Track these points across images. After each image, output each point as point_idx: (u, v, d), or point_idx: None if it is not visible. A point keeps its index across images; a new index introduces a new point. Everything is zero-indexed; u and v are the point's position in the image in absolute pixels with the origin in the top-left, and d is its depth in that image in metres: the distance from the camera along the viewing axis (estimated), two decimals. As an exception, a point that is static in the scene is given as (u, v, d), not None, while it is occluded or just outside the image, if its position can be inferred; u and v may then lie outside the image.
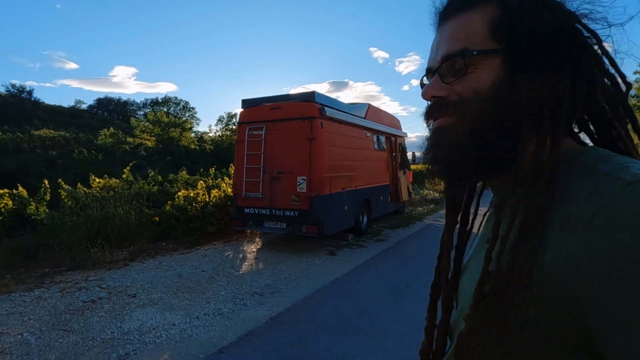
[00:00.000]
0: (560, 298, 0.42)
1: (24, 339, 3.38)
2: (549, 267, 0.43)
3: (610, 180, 0.43)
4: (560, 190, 0.47)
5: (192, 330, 3.56)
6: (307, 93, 6.69)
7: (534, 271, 0.44)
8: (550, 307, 0.43)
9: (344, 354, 3.11)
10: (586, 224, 0.41)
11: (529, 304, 0.45)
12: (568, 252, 0.42)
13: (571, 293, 0.41)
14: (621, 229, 0.38)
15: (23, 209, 7.55)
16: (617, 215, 0.39)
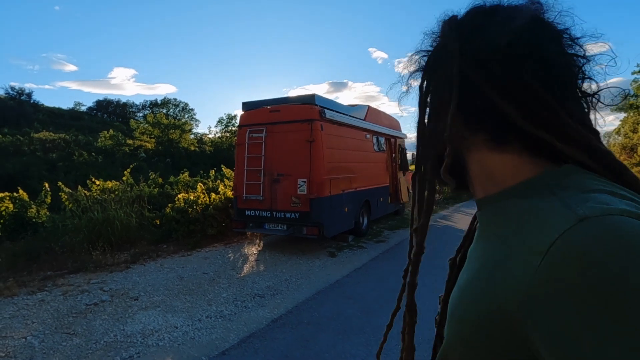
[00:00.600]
0: (504, 323, 0.43)
1: (28, 342, 3.41)
2: (501, 294, 0.44)
3: (567, 213, 0.41)
4: (522, 212, 0.47)
5: (194, 333, 3.59)
6: (307, 96, 6.74)
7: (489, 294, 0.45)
8: (491, 330, 0.45)
9: (345, 355, 3.14)
10: (539, 256, 0.40)
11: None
12: (517, 278, 0.42)
13: (515, 319, 0.42)
14: (569, 268, 0.37)
15: (24, 212, 7.58)
16: (567, 254, 0.38)
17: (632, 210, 0.40)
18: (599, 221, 0.38)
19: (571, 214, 0.40)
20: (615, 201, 0.41)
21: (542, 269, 0.39)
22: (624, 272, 0.35)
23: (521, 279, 0.41)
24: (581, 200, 0.42)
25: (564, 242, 0.39)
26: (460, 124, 0.54)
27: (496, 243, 0.49)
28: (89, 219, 6.84)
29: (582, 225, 0.39)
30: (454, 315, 0.53)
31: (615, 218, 0.38)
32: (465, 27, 0.54)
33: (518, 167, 0.52)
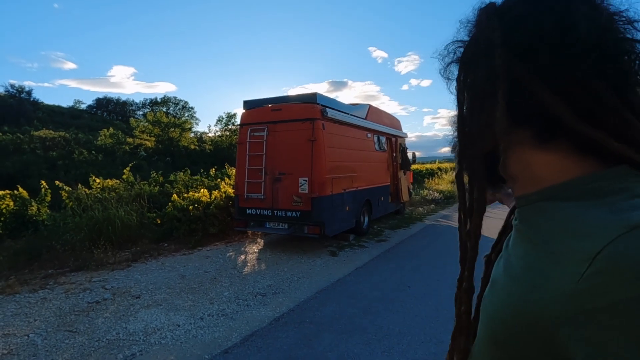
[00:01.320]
0: (540, 328, 0.42)
1: (31, 340, 3.41)
2: (541, 298, 0.42)
3: (615, 219, 0.39)
4: (568, 215, 0.45)
5: (196, 331, 3.59)
6: (309, 94, 6.73)
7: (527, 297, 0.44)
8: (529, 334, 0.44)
9: (348, 355, 3.15)
10: (584, 265, 0.39)
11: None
12: (558, 289, 0.41)
13: (553, 325, 0.40)
14: (619, 280, 0.36)
15: (24, 210, 7.57)
16: (617, 264, 0.36)
17: None
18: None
19: (621, 221, 0.38)
20: None
21: (587, 279, 0.38)
22: None
23: (564, 287, 0.40)
24: (633, 207, 0.40)
25: (611, 251, 0.37)
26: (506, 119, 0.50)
27: (538, 246, 0.46)
28: (89, 218, 6.84)
29: (633, 234, 0.37)
30: (489, 314, 0.51)
31: None
32: (507, 14, 0.49)
33: (564, 166, 0.48)
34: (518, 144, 0.50)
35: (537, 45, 0.45)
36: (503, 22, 0.48)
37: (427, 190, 15.65)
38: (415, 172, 18.06)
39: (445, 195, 15.39)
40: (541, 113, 0.46)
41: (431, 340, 3.35)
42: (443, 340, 3.33)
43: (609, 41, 0.44)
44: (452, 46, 0.56)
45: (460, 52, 0.55)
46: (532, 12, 0.47)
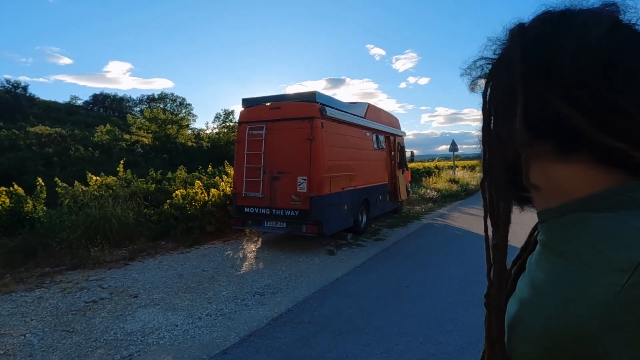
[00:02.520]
0: (579, 341, 0.41)
1: (27, 340, 3.38)
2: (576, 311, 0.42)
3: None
4: (599, 226, 0.45)
5: (194, 331, 3.58)
6: (308, 93, 6.70)
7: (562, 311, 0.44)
8: (566, 349, 0.43)
9: (347, 355, 3.14)
10: (625, 275, 0.38)
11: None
12: (597, 301, 0.40)
13: (592, 338, 0.40)
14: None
15: (20, 207, 7.50)
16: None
17: None
18: None
19: None
20: None
21: (628, 290, 0.37)
22: None
23: (603, 299, 0.39)
24: None
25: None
26: (525, 131, 0.51)
27: (570, 259, 0.46)
28: (86, 215, 6.79)
29: None
30: (519, 331, 0.50)
31: None
32: (529, 32, 0.51)
33: (589, 178, 0.48)
34: (540, 157, 0.51)
35: (556, 60, 0.47)
36: (524, 40, 0.51)
37: (424, 189, 15.66)
38: (413, 170, 18.08)
39: (442, 194, 15.41)
40: (561, 125, 0.47)
41: (429, 342, 3.35)
42: (441, 342, 3.34)
43: (632, 59, 0.44)
44: (479, 62, 0.58)
45: (487, 68, 0.58)
46: (554, 30, 0.49)
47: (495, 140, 0.56)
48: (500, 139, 0.55)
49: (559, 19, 0.50)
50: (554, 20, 0.50)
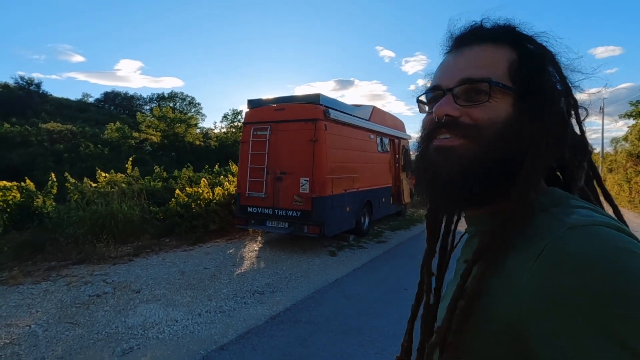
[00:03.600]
0: (506, 325, 0.47)
1: (32, 330, 3.49)
2: (500, 296, 0.48)
3: (558, 224, 0.47)
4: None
5: (193, 327, 3.66)
6: (312, 95, 6.77)
7: (488, 298, 0.50)
8: (499, 335, 0.48)
9: (342, 355, 3.19)
10: (534, 261, 0.45)
11: (483, 330, 0.50)
12: (518, 285, 0.46)
13: (517, 322, 0.46)
14: (563, 269, 0.42)
15: (30, 202, 7.68)
16: (558, 255, 0.43)
17: (611, 222, 0.46)
18: (586, 229, 0.44)
19: (562, 224, 0.46)
20: (597, 215, 0.48)
21: (536, 272, 0.44)
22: (612, 275, 0.40)
23: (519, 284, 0.46)
24: (570, 213, 0.49)
25: (554, 246, 0.44)
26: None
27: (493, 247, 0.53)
28: (93, 212, 6.93)
29: (570, 232, 0.45)
30: (454, 307, 0.55)
31: (599, 228, 0.44)
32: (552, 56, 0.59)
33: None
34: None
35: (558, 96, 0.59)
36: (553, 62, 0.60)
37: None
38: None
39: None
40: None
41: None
42: (436, 344, 3.36)
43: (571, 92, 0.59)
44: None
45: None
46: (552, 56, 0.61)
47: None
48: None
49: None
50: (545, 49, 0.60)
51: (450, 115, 0.57)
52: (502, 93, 0.55)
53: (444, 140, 0.58)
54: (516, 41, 0.59)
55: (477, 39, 0.60)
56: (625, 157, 16.37)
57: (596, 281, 0.40)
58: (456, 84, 0.57)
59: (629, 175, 14.31)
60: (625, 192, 14.18)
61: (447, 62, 0.62)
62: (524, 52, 0.58)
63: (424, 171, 0.61)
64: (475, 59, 0.58)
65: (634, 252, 0.42)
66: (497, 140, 0.54)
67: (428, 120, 0.63)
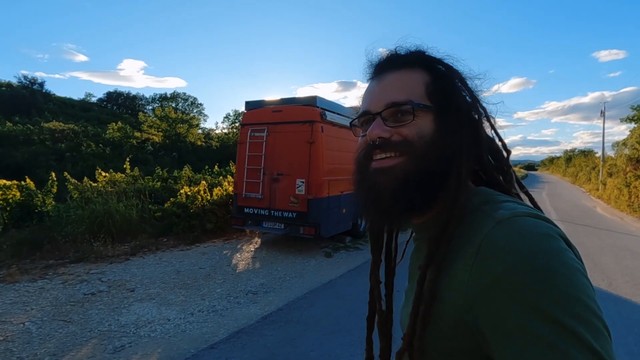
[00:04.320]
0: (458, 321, 0.52)
1: (26, 328, 3.54)
2: (450, 295, 0.53)
3: (488, 220, 0.53)
4: (458, 227, 0.57)
5: (185, 326, 3.70)
6: (309, 97, 6.82)
7: (441, 298, 0.55)
8: (453, 332, 0.53)
9: (330, 354, 3.23)
10: (473, 256, 0.51)
11: (442, 330, 0.54)
12: (461, 281, 0.52)
13: (465, 315, 0.51)
14: (494, 259, 0.49)
15: (30, 200, 7.75)
16: (491, 248, 0.50)
17: (531, 212, 0.53)
18: (511, 221, 0.51)
19: (491, 220, 0.53)
20: (519, 207, 0.55)
21: (475, 267, 0.51)
22: (532, 256, 0.46)
23: (463, 280, 0.52)
24: (497, 209, 0.55)
25: (488, 241, 0.51)
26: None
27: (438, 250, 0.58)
28: (91, 210, 7.00)
29: (499, 226, 0.51)
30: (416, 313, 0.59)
31: (521, 218, 0.51)
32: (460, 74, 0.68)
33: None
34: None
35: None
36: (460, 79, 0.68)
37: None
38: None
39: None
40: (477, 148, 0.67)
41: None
42: (424, 345, 3.40)
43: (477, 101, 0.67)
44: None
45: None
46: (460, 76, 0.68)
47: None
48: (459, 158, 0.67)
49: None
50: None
51: (382, 137, 0.63)
52: (424, 111, 0.62)
53: (381, 162, 0.64)
54: (428, 64, 0.66)
55: (395, 65, 0.67)
56: (625, 161, 16.33)
57: (520, 262, 0.46)
58: (383, 107, 0.64)
59: (628, 179, 14.27)
60: (624, 196, 14.15)
61: (372, 88, 0.69)
62: (436, 73, 0.66)
63: (367, 191, 0.67)
64: (397, 83, 0.65)
65: (551, 236, 0.49)
66: (426, 152, 0.61)
67: (363, 142, 0.69)
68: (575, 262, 0.47)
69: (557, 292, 0.44)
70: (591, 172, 28.92)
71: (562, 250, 0.47)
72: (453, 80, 0.65)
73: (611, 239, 8.69)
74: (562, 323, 0.42)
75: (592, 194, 22.29)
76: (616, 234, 9.64)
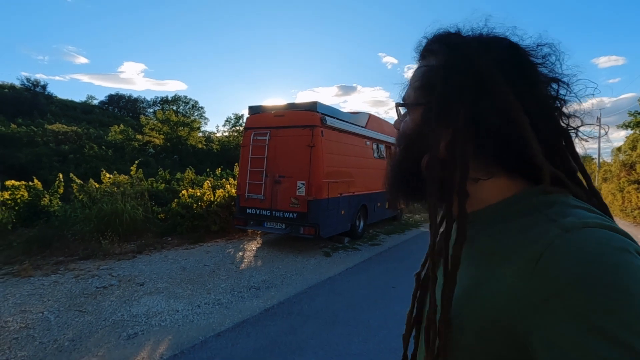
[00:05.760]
0: (502, 327, 0.48)
1: (45, 316, 3.79)
2: (495, 297, 0.49)
3: (552, 225, 0.47)
4: (511, 226, 0.53)
5: (193, 317, 3.95)
6: (309, 103, 7.11)
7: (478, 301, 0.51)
8: (490, 335, 0.49)
9: (329, 343, 3.48)
10: (532, 263, 0.46)
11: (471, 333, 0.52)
12: (513, 286, 0.47)
13: (516, 323, 0.46)
14: (559, 270, 0.43)
15: (38, 200, 8.00)
16: (556, 257, 0.44)
17: (604, 222, 0.47)
18: (582, 232, 0.45)
19: (557, 226, 0.47)
20: (590, 216, 0.49)
21: (536, 275, 0.45)
22: (603, 271, 0.41)
23: (518, 286, 0.47)
24: (564, 215, 0.49)
25: (553, 251, 0.45)
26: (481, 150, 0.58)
27: (490, 256, 0.54)
28: (98, 210, 7.25)
29: (567, 235, 0.45)
30: (466, 316, 0.54)
31: (593, 229, 0.45)
32: (503, 60, 0.58)
33: (502, 186, 0.58)
34: (475, 167, 0.58)
35: (529, 94, 0.56)
36: (498, 64, 0.57)
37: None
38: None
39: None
40: (498, 142, 0.56)
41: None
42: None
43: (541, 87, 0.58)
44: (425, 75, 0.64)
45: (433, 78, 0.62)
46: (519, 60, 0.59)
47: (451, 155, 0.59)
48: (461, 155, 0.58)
49: (517, 49, 0.59)
50: (514, 48, 0.59)
51: (397, 129, 0.69)
52: (415, 108, 0.64)
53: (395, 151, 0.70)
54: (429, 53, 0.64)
55: (418, 56, 0.67)
56: (619, 166, 16.66)
57: (588, 276, 0.41)
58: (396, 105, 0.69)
59: (621, 184, 14.58)
60: (618, 201, 14.45)
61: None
62: (430, 67, 0.62)
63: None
64: (412, 77, 0.67)
65: (626, 250, 0.43)
66: (407, 144, 0.65)
67: None
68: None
69: (627, 312, 0.39)
70: (588, 177, 29.14)
71: (637, 268, 0.42)
72: (443, 74, 0.59)
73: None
74: (629, 346, 0.37)
75: (588, 200, 22.50)
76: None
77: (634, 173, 14.29)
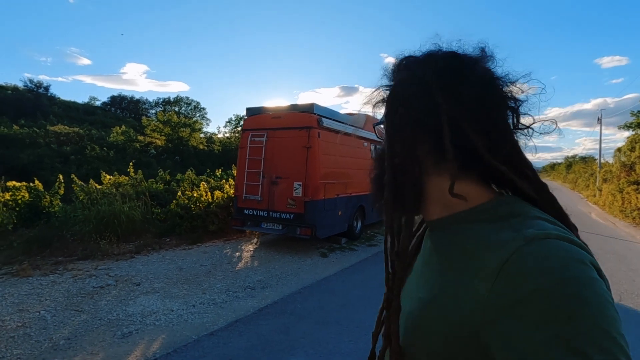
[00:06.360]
0: (465, 332, 0.50)
1: (42, 315, 3.86)
2: (460, 304, 0.51)
3: (516, 235, 0.49)
4: (477, 234, 0.55)
5: (187, 316, 4.01)
6: (306, 105, 7.17)
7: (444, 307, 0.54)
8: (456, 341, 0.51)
9: (319, 342, 3.52)
10: (496, 271, 0.48)
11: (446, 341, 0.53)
12: (477, 293, 0.49)
13: (480, 329, 0.48)
14: (521, 279, 0.45)
15: (38, 201, 8.08)
16: (518, 266, 0.46)
17: (564, 235, 0.49)
18: (542, 242, 0.47)
19: (519, 236, 0.49)
20: (550, 227, 0.51)
21: (498, 283, 0.47)
22: (563, 282, 0.43)
23: (481, 294, 0.49)
24: (527, 226, 0.51)
25: (517, 259, 0.47)
26: (433, 153, 0.60)
27: (457, 262, 0.56)
28: (97, 211, 7.32)
29: (528, 245, 0.47)
30: (421, 328, 0.57)
31: (554, 241, 0.48)
32: (441, 67, 0.59)
33: (471, 194, 0.60)
34: (439, 175, 0.61)
35: (467, 95, 0.57)
36: (438, 73, 0.59)
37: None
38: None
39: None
40: (464, 149, 0.57)
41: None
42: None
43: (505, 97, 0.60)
44: (381, 90, 0.68)
45: (388, 94, 0.66)
46: (460, 68, 0.59)
47: (404, 161, 0.62)
48: (409, 159, 0.62)
49: (456, 57, 0.60)
50: (454, 56, 0.61)
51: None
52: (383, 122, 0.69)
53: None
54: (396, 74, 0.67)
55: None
56: (619, 167, 16.64)
57: (549, 287, 0.43)
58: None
59: (621, 185, 14.57)
60: (617, 201, 14.44)
61: None
62: (383, 85, 0.67)
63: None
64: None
65: (584, 263, 0.45)
66: (379, 154, 0.70)
67: None
68: (606, 294, 0.44)
69: (585, 322, 0.41)
70: (589, 178, 29.23)
71: (594, 280, 0.44)
72: (397, 98, 0.63)
73: (600, 243, 8.97)
74: (586, 355, 0.39)
75: (589, 200, 22.57)
76: (606, 238, 9.92)
77: (634, 174, 14.29)
